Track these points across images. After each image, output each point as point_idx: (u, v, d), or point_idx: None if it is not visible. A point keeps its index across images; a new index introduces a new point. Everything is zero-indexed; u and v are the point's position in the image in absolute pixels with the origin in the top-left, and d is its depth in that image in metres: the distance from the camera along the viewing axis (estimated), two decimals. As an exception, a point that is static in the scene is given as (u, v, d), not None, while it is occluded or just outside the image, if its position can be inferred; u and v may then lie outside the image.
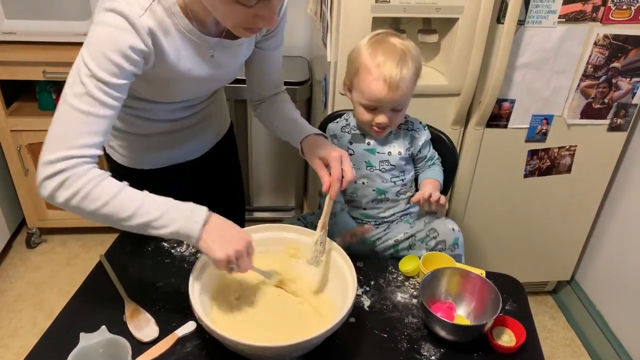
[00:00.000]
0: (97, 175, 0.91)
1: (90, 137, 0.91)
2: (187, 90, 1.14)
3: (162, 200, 0.94)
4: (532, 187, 1.86)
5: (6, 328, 2.00)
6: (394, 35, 1.22)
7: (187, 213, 0.94)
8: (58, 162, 0.88)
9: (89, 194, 0.89)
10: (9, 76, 1.99)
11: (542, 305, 2.23)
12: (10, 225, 2.29)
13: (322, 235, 1.08)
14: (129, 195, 0.93)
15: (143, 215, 0.92)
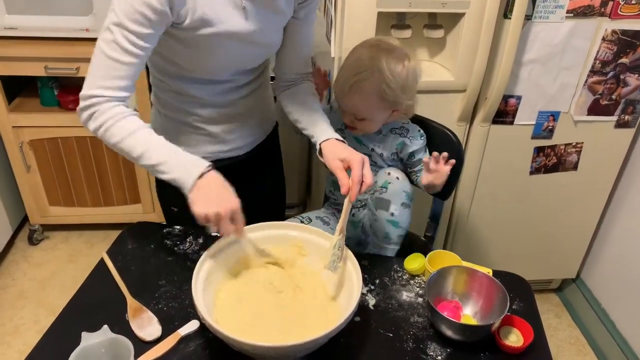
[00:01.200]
0: (119, 113, 1.02)
1: (115, 81, 1.01)
2: (226, 56, 1.12)
3: (169, 148, 1.04)
4: (538, 184, 1.84)
5: (8, 325, 1.99)
6: (389, 49, 1.20)
7: (187, 165, 1.02)
8: (88, 98, 1.01)
9: (109, 128, 1.01)
10: (10, 72, 1.98)
11: (547, 303, 2.21)
12: (12, 221, 2.29)
13: (340, 239, 1.06)
14: (141, 137, 1.03)
15: (148, 158, 1.02)
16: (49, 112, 2.11)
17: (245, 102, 1.28)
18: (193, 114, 1.24)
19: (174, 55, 1.12)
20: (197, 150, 1.27)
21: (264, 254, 1.11)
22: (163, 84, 1.21)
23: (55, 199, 2.29)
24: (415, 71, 1.21)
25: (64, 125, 2.10)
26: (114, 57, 0.99)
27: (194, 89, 1.19)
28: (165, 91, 1.23)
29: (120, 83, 1.01)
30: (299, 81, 1.32)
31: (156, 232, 1.27)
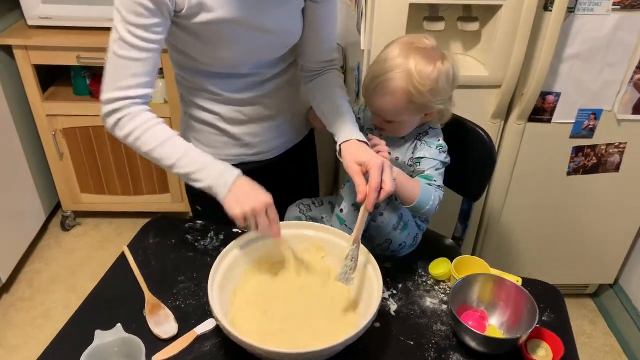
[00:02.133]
0: (148, 120, 1.02)
1: (132, 79, 0.99)
2: (236, 45, 1.07)
3: (201, 157, 1.04)
4: (576, 185, 1.75)
5: (40, 309, 2.05)
6: (421, 48, 1.11)
7: (220, 173, 1.02)
8: (110, 103, 1.00)
9: (140, 137, 1.02)
10: (44, 61, 2.01)
11: (582, 309, 2.13)
12: (46, 208, 2.34)
13: (354, 250, 1.00)
14: (174, 145, 1.03)
15: (182, 167, 1.03)
16: (81, 101, 2.13)
17: (271, 101, 1.22)
18: (214, 113, 1.20)
19: (185, 47, 1.09)
20: (220, 152, 1.25)
21: (285, 254, 1.09)
22: (185, 80, 1.19)
23: (87, 187, 2.33)
24: (448, 74, 1.11)
25: (96, 114, 2.11)
26: (125, 55, 0.98)
27: (213, 84, 1.15)
28: (187, 89, 1.20)
29: (138, 80, 1.00)
30: (324, 70, 1.24)
31: (178, 227, 1.26)
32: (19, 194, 2.14)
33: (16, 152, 2.11)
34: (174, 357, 0.95)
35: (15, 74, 2.03)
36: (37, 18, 1.97)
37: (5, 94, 2.00)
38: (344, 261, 1.00)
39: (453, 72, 1.13)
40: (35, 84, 2.05)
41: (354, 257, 1.00)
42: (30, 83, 2.04)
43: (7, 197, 2.04)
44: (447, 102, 1.16)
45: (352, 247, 1.00)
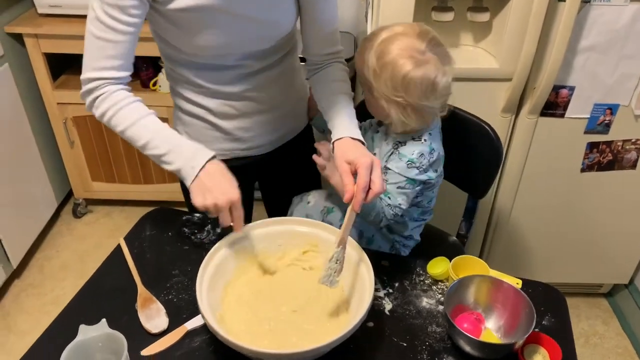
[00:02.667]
0: (122, 99, 1.00)
1: (107, 61, 0.98)
2: (217, 34, 1.03)
3: (172, 138, 1.01)
4: (590, 182, 1.69)
5: (50, 295, 2.08)
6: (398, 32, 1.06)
7: (190, 155, 0.99)
8: (86, 83, 1.00)
9: (113, 116, 1.00)
10: (54, 49, 2.02)
11: (595, 309, 2.07)
12: (57, 195, 2.37)
13: (338, 252, 0.97)
14: (145, 126, 1.00)
15: (152, 148, 1.00)
16: None
17: (263, 94, 1.18)
18: (203, 107, 1.17)
19: (166, 35, 1.06)
20: (211, 146, 1.18)
21: (277, 251, 1.07)
22: (172, 72, 1.17)
23: (98, 175, 2.35)
24: (424, 81, 1.02)
25: (105, 103, 2.13)
26: (101, 36, 0.96)
27: (201, 76, 1.12)
28: (175, 80, 1.18)
29: (114, 62, 0.98)
30: (327, 63, 1.19)
31: (175, 219, 1.25)
32: (31, 182, 2.17)
33: (28, 140, 2.13)
34: (163, 352, 0.94)
35: (26, 62, 2.05)
36: (47, 6, 1.97)
37: (16, 82, 2.02)
38: (328, 263, 0.97)
39: (434, 82, 1.04)
40: (46, 72, 2.06)
41: (338, 259, 0.97)
42: (41, 71, 2.05)
43: (19, 184, 2.07)
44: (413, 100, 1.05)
45: (337, 250, 0.97)
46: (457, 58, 1.53)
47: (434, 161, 1.11)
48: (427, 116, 1.10)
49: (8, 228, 1.97)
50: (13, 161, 2.02)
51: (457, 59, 1.53)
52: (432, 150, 1.11)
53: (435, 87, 1.04)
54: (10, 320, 1.96)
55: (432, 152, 1.11)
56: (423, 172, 1.11)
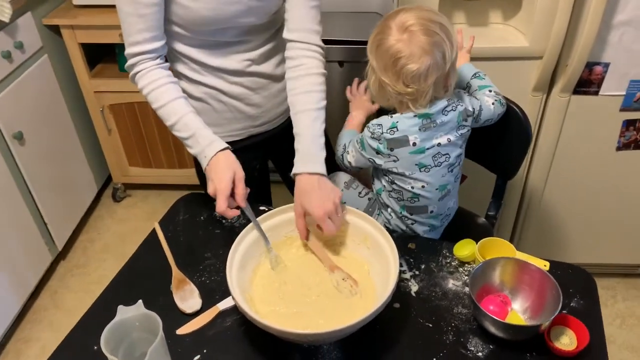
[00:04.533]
0: (158, 79, 1.09)
1: (139, 35, 1.06)
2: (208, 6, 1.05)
3: (191, 125, 1.10)
4: (627, 161, 1.65)
5: (93, 275, 2.18)
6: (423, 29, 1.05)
7: (203, 146, 1.09)
8: (129, 58, 1.10)
9: (149, 93, 1.10)
10: (90, 39, 2.08)
11: (632, 289, 2.02)
12: (97, 180, 2.46)
13: (335, 274, 1.04)
14: (174, 109, 1.10)
15: (177, 131, 1.11)
16: (126, 77, 2.17)
17: (267, 66, 1.20)
18: (213, 87, 1.19)
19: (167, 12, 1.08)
20: (225, 129, 1.26)
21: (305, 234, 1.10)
22: (173, 54, 1.18)
23: (135, 160, 2.42)
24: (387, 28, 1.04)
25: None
26: (129, 11, 1.04)
27: (202, 54, 1.14)
28: (179, 62, 1.19)
29: (146, 35, 1.06)
30: (305, 55, 1.14)
31: (207, 204, 1.29)
32: (72, 167, 2.26)
33: (67, 128, 2.22)
34: (197, 331, 0.99)
35: (63, 53, 2.12)
36: (81, -2, 2.03)
37: (55, 72, 2.10)
38: (338, 287, 1.03)
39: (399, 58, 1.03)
40: (83, 62, 2.13)
41: (344, 277, 1.03)
42: (78, 61, 2.12)
43: (61, 170, 2.16)
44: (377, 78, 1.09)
45: (333, 274, 1.04)
46: (486, 37, 1.52)
47: (390, 138, 1.11)
48: (390, 97, 1.10)
49: (53, 212, 2.07)
50: (55, 149, 2.11)
51: (486, 37, 1.52)
52: (393, 127, 1.10)
53: (397, 64, 1.04)
54: (58, 299, 2.07)
55: (393, 129, 1.10)
56: (373, 139, 1.12)
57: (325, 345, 0.96)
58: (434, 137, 1.12)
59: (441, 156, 1.14)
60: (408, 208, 1.21)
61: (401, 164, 1.13)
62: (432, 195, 1.18)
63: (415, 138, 1.11)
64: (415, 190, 1.16)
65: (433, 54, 1.03)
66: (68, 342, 1.00)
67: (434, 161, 1.14)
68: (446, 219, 1.28)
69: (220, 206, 1.03)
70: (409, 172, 1.14)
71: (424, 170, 1.14)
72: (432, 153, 1.13)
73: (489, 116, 1.20)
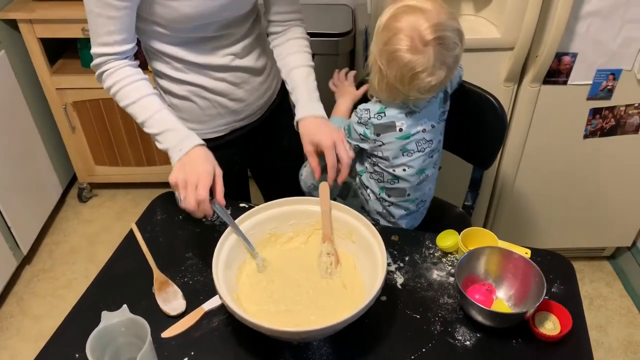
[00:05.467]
0: (127, 76, 1.05)
1: (109, 36, 1.02)
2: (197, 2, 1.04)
3: (166, 120, 1.06)
4: (593, 148, 1.70)
5: (61, 279, 2.11)
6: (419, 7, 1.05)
7: (179, 139, 1.04)
8: (95, 57, 1.05)
9: (117, 92, 1.06)
10: (49, 34, 1.99)
11: (598, 272, 2.10)
12: (62, 180, 2.38)
13: (324, 246, 1.04)
14: (144, 106, 1.06)
15: (148, 127, 1.06)
16: (89, 73, 2.08)
17: (248, 59, 1.19)
18: (197, 85, 1.17)
19: (148, 14, 1.05)
20: (208, 126, 1.24)
21: (289, 230, 1.09)
22: (154, 53, 1.15)
23: (101, 159, 2.35)
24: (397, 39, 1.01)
25: (104, 86, 2.12)
26: (100, 13, 0.99)
27: (185, 51, 1.12)
28: (161, 61, 1.16)
29: (116, 37, 1.03)
30: (287, 28, 1.21)
31: (185, 202, 1.26)
32: (34, 168, 2.17)
33: (29, 127, 2.13)
34: (182, 334, 0.97)
35: (22, 48, 2.03)
36: (39, -10, 1.94)
37: (13, 69, 2.00)
38: (319, 259, 1.03)
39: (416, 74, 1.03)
40: (43, 57, 2.04)
41: (329, 252, 1.03)
42: (38, 57, 2.03)
43: (23, 171, 2.07)
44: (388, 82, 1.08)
45: (323, 244, 1.03)
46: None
47: (378, 123, 1.12)
48: (398, 96, 1.10)
49: (16, 215, 1.98)
50: (15, 149, 2.02)
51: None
52: (381, 112, 1.11)
53: (415, 79, 1.04)
54: (25, 305, 1.99)
55: (381, 115, 1.11)
56: (360, 124, 1.13)
57: (315, 342, 0.95)
58: (419, 123, 1.14)
59: (425, 142, 1.16)
60: (387, 190, 1.22)
61: (386, 149, 1.14)
62: (412, 179, 1.19)
63: (402, 124, 1.12)
64: (396, 172, 1.17)
65: (451, 66, 1.04)
66: (47, 351, 0.96)
67: (418, 146, 1.15)
68: (422, 205, 1.29)
69: (200, 194, 0.96)
70: (392, 157, 1.15)
71: (406, 155, 1.15)
72: (417, 139, 1.14)
73: (457, 83, 1.27)
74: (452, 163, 1.47)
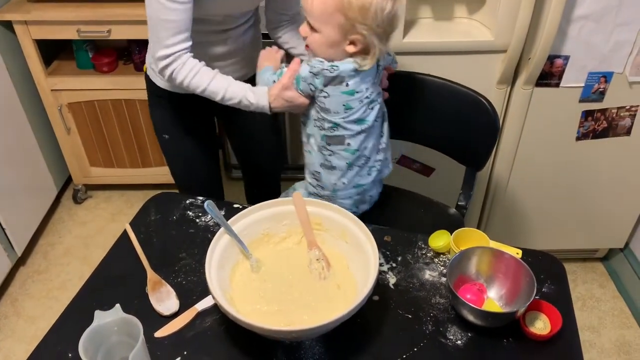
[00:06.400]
0: (194, 66, 1.20)
1: (176, 37, 1.17)
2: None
3: (238, 86, 1.22)
4: (586, 150, 1.72)
5: (56, 281, 2.10)
6: None
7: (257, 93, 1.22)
8: (162, 59, 1.19)
9: (191, 82, 1.21)
10: (44, 35, 1.99)
11: (591, 273, 2.12)
12: (57, 181, 2.37)
13: (312, 253, 1.06)
14: (217, 84, 1.22)
15: (227, 100, 1.23)
16: (85, 74, 2.13)
17: (234, 47, 1.35)
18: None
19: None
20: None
21: (282, 231, 1.09)
22: None
23: (96, 160, 2.35)
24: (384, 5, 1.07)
25: (100, 88, 2.12)
26: (166, 18, 1.13)
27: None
28: None
29: (180, 37, 1.17)
30: (292, 17, 1.40)
31: (179, 203, 1.27)
32: (29, 170, 2.16)
33: (24, 128, 2.13)
34: (176, 333, 0.97)
35: (17, 49, 2.03)
36: (35, -8, 1.94)
37: (8, 70, 2.00)
38: (310, 266, 1.04)
39: (393, 9, 1.09)
40: (38, 58, 2.04)
41: (318, 257, 1.04)
42: (33, 58, 2.03)
43: (18, 172, 2.07)
44: (373, 36, 1.10)
45: (310, 252, 1.05)
46: (452, 31, 1.55)
47: (329, 75, 1.14)
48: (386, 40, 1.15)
49: (10, 216, 1.98)
50: (11, 150, 2.02)
51: (451, 32, 1.55)
52: (334, 66, 1.14)
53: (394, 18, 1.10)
54: (19, 306, 1.98)
55: (334, 68, 1.14)
56: (311, 74, 1.16)
57: (308, 341, 0.96)
58: (364, 82, 1.16)
59: (366, 99, 1.18)
60: (327, 138, 1.23)
61: (330, 101, 1.17)
62: (350, 126, 1.20)
63: (349, 80, 1.15)
64: (334, 119, 1.19)
65: None
66: (40, 350, 0.96)
67: (360, 103, 1.18)
68: (364, 162, 1.27)
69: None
70: (334, 110, 1.18)
71: (348, 111, 1.18)
72: (360, 97, 1.17)
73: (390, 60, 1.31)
74: (445, 164, 1.48)
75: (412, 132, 1.48)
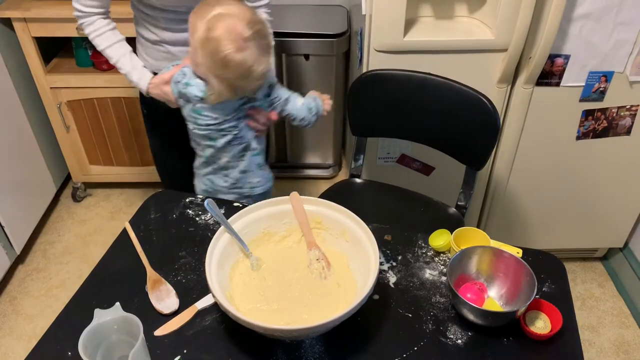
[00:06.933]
0: (101, 27, 1.32)
1: (87, 1, 1.29)
2: None
3: (130, 61, 1.34)
4: (586, 149, 1.71)
5: (55, 278, 2.10)
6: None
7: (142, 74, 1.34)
8: (74, 11, 1.32)
9: (94, 39, 1.34)
10: (44, 33, 1.99)
11: (590, 272, 2.12)
12: (56, 179, 2.37)
13: (311, 253, 1.06)
14: (113, 52, 1.34)
15: (118, 68, 1.35)
16: (84, 72, 2.12)
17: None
18: (158, 37, 1.38)
19: None
20: (158, 63, 1.42)
21: (282, 229, 1.09)
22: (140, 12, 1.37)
23: (95, 158, 2.34)
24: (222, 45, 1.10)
25: (99, 86, 2.11)
26: None
27: (151, 13, 1.33)
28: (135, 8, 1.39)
29: (93, 3, 1.29)
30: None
31: (179, 201, 1.27)
32: (28, 167, 2.16)
33: (23, 126, 2.12)
34: (175, 332, 0.97)
35: (16, 47, 2.02)
36: (34, -11, 1.94)
37: (7, 67, 2.00)
38: (310, 267, 1.04)
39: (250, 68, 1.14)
40: (37, 56, 2.03)
41: (318, 257, 1.04)
42: (32, 56, 2.03)
43: (17, 170, 2.06)
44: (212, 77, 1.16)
45: (309, 252, 1.05)
46: (452, 30, 1.55)
47: (181, 90, 1.22)
48: (240, 92, 1.20)
49: (9, 214, 1.98)
50: (10, 148, 2.02)
51: (452, 30, 1.54)
52: (187, 84, 1.21)
53: (251, 72, 1.14)
54: (18, 304, 1.98)
55: (186, 86, 1.22)
56: (174, 82, 1.25)
57: (308, 340, 0.96)
58: (212, 111, 1.22)
59: (213, 125, 1.24)
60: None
61: (184, 109, 1.28)
62: (198, 139, 1.31)
63: (196, 102, 1.22)
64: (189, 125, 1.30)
65: (270, 51, 1.19)
66: (39, 349, 0.96)
67: (206, 125, 1.25)
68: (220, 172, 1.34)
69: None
70: (187, 118, 1.28)
71: (196, 125, 1.27)
72: (206, 121, 1.24)
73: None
74: (445, 163, 1.48)
75: (412, 131, 1.48)
